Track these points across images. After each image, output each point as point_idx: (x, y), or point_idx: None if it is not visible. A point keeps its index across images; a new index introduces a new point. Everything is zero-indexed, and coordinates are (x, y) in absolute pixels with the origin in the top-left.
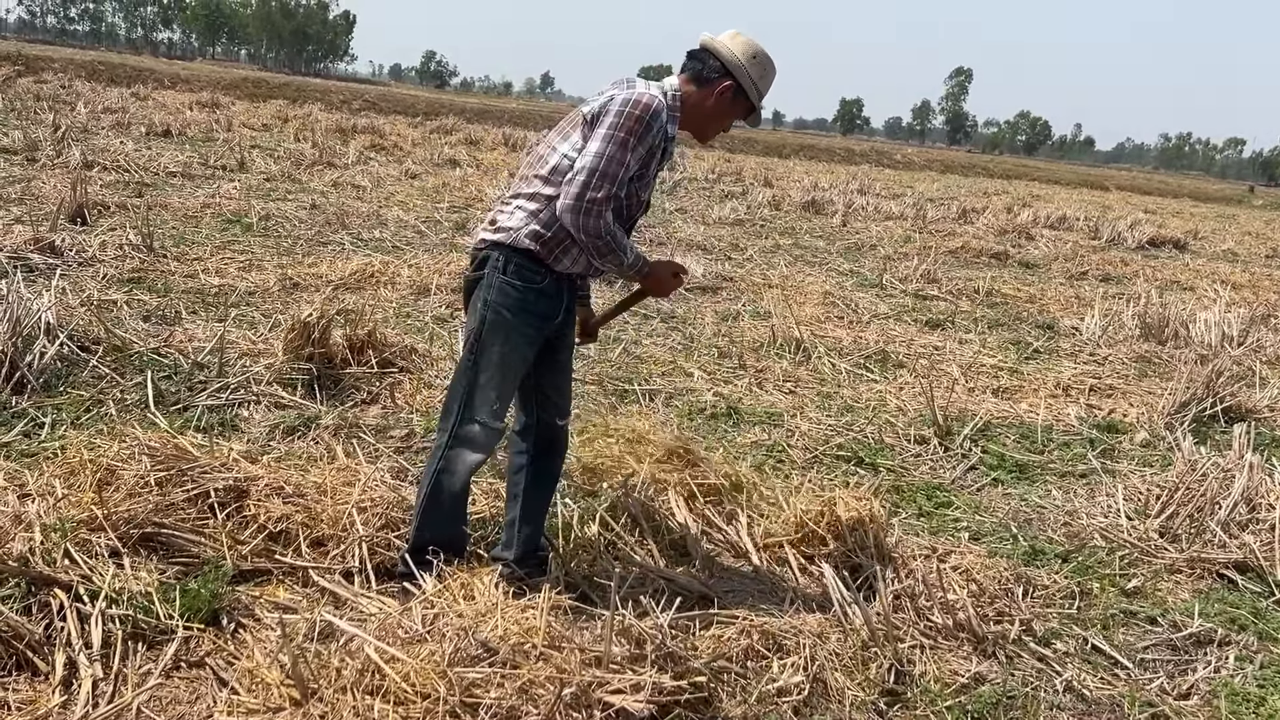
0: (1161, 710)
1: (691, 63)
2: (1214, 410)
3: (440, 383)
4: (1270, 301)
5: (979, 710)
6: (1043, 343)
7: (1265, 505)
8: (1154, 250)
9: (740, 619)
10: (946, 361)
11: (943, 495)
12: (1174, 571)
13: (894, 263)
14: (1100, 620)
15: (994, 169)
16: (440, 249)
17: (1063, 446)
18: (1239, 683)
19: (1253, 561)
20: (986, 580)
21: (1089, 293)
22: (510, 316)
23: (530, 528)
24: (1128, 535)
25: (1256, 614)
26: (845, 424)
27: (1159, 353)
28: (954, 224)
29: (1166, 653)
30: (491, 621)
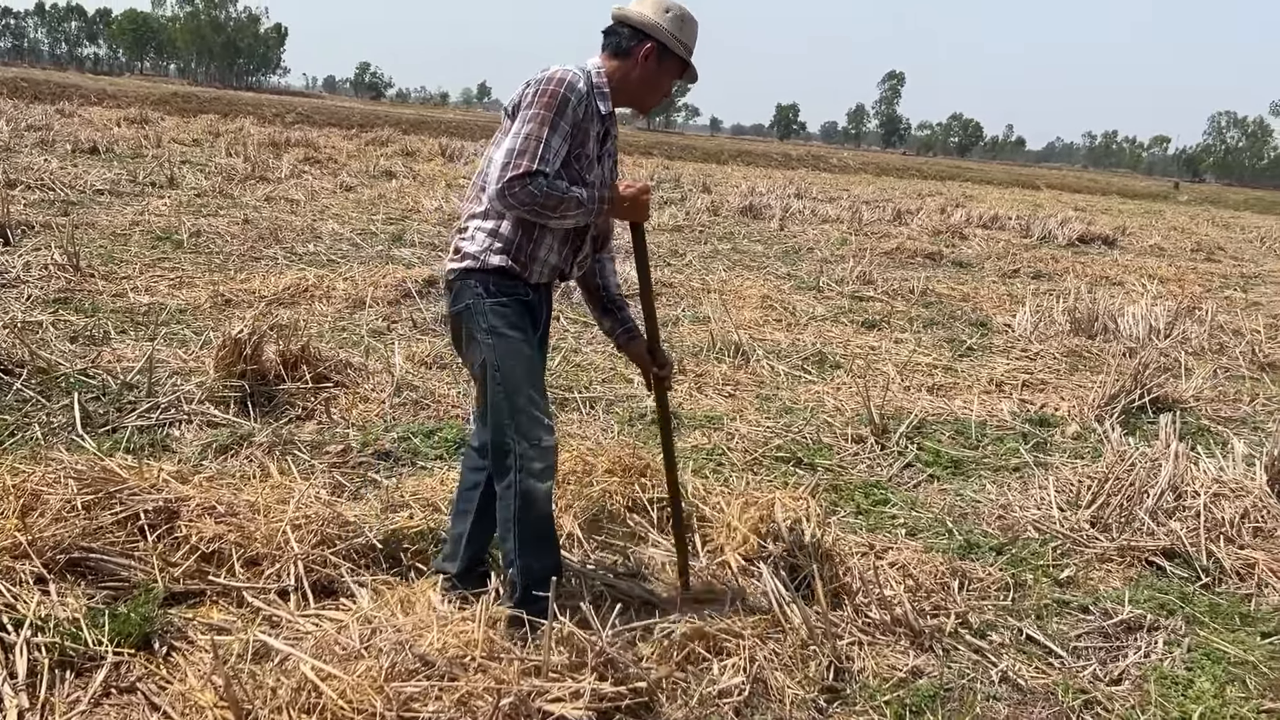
0: (1094, 696)
1: (608, 38)
2: (1142, 402)
3: (376, 396)
4: (1195, 294)
5: (917, 704)
6: (976, 340)
7: (1191, 493)
8: (1084, 247)
9: (682, 623)
10: (882, 361)
11: (880, 493)
12: (1105, 560)
13: (831, 265)
14: (1034, 610)
15: (928, 171)
16: (376, 261)
17: (996, 441)
18: (1168, 666)
19: (1180, 548)
20: (923, 575)
21: (1021, 290)
22: (514, 332)
23: (476, 546)
24: (1060, 526)
25: (1184, 599)
26: (784, 425)
27: (1089, 347)
28: (889, 226)
29: (1099, 640)
30: (430, 635)
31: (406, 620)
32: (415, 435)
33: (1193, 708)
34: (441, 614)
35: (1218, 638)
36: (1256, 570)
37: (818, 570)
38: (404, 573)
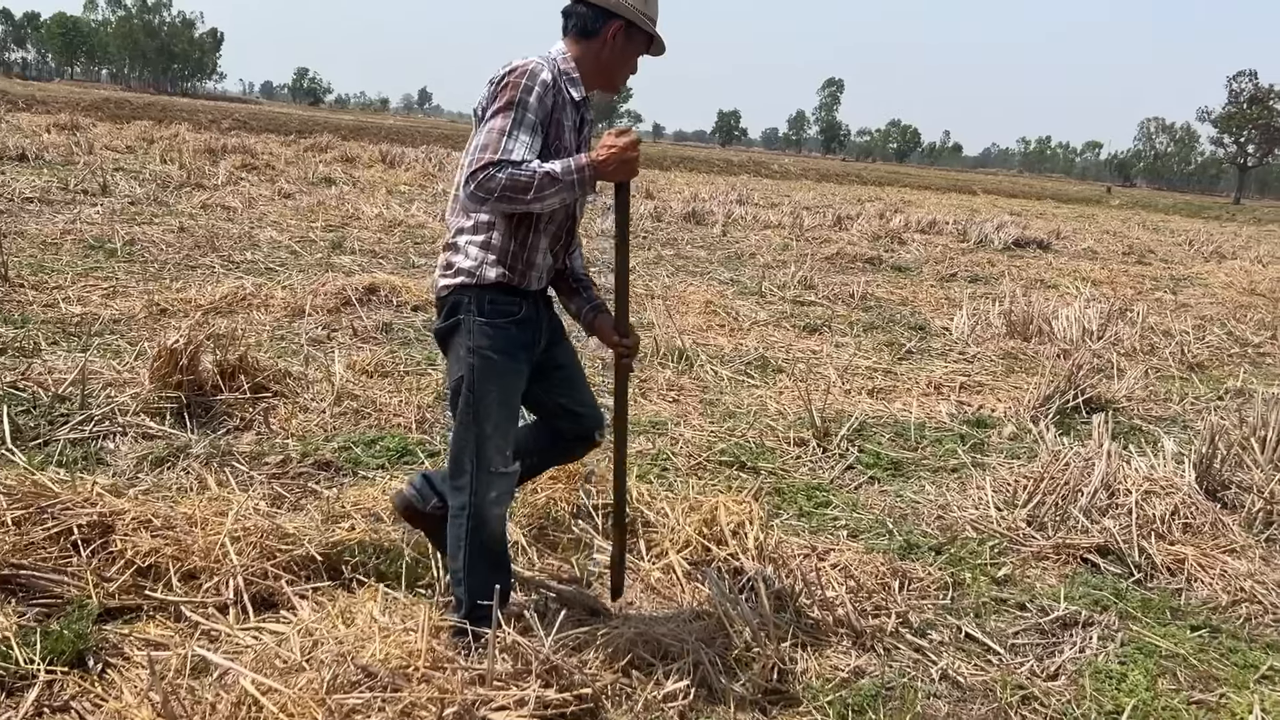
0: (1032, 692)
1: (570, 20)
2: (1075, 402)
3: (316, 405)
4: (1127, 296)
5: (859, 703)
6: (915, 343)
7: (1123, 491)
8: (1019, 250)
9: (628, 628)
10: (824, 365)
11: (822, 495)
12: (1041, 558)
13: (773, 270)
14: (973, 609)
15: (867, 176)
16: (315, 269)
17: (935, 443)
18: (1102, 661)
19: (1113, 545)
20: (864, 576)
21: (958, 293)
22: (499, 358)
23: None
24: (997, 525)
25: (1118, 594)
26: (727, 430)
27: (1024, 349)
28: (830, 231)
29: (1035, 636)
30: (372, 646)
31: (349, 631)
32: (356, 445)
33: (1126, 701)
34: (384, 625)
35: (1150, 632)
36: (1186, 565)
37: (761, 573)
38: (346, 584)
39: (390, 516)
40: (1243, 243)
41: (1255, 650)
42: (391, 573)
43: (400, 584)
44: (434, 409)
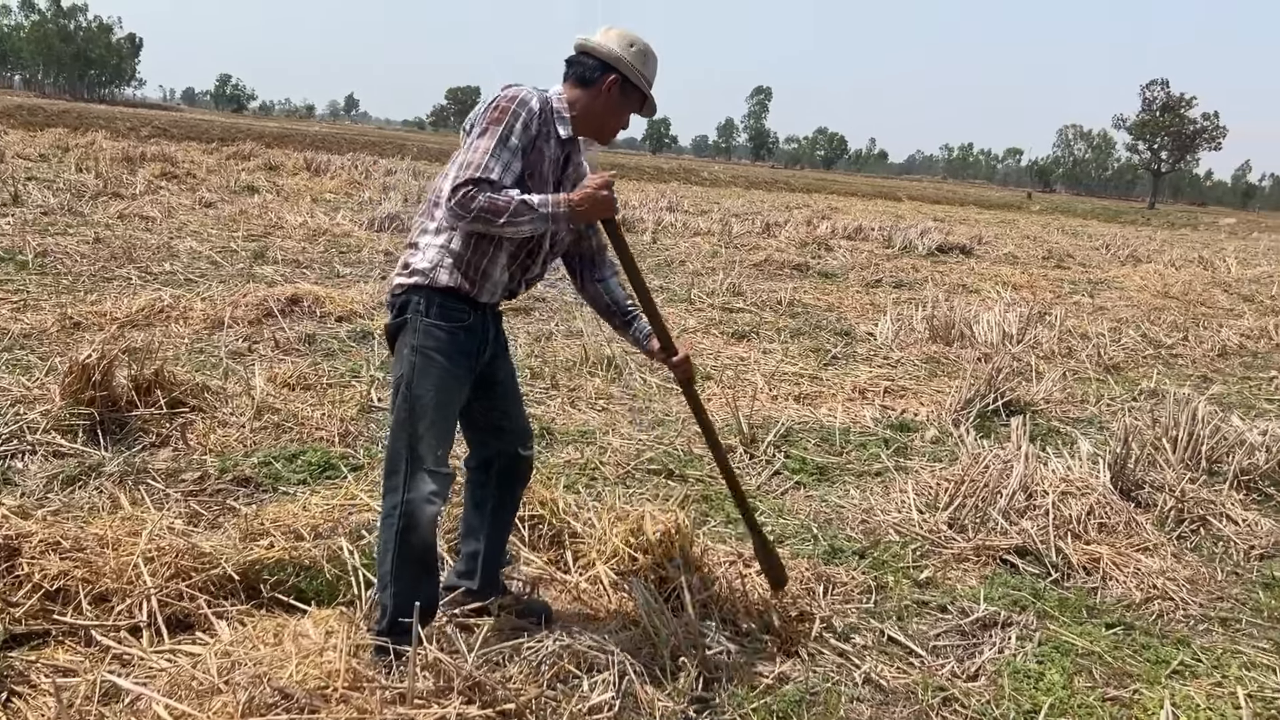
0: (952, 693)
1: (572, 68)
2: (995, 405)
3: (235, 420)
4: (1046, 300)
5: (784, 709)
6: (841, 349)
7: (1040, 492)
8: (942, 256)
9: (552, 641)
10: (752, 371)
11: (749, 501)
12: (962, 560)
13: (702, 277)
14: (896, 612)
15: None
16: (237, 280)
17: (860, 447)
18: (1020, 661)
19: (1031, 545)
20: (790, 581)
21: (883, 299)
22: (441, 359)
23: (493, 559)
24: (919, 528)
25: (1035, 594)
26: (656, 438)
27: (946, 353)
28: (758, 238)
29: (956, 638)
30: (290, 667)
31: (266, 652)
32: (277, 460)
33: (1043, 699)
34: (303, 645)
35: (1066, 631)
36: (1101, 564)
37: (687, 581)
38: (265, 603)
39: (310, 533)
40: (1157, 246)
41: (1167, 646)
42: (311, 591)
43: (320, 603)
44: (358, 421)
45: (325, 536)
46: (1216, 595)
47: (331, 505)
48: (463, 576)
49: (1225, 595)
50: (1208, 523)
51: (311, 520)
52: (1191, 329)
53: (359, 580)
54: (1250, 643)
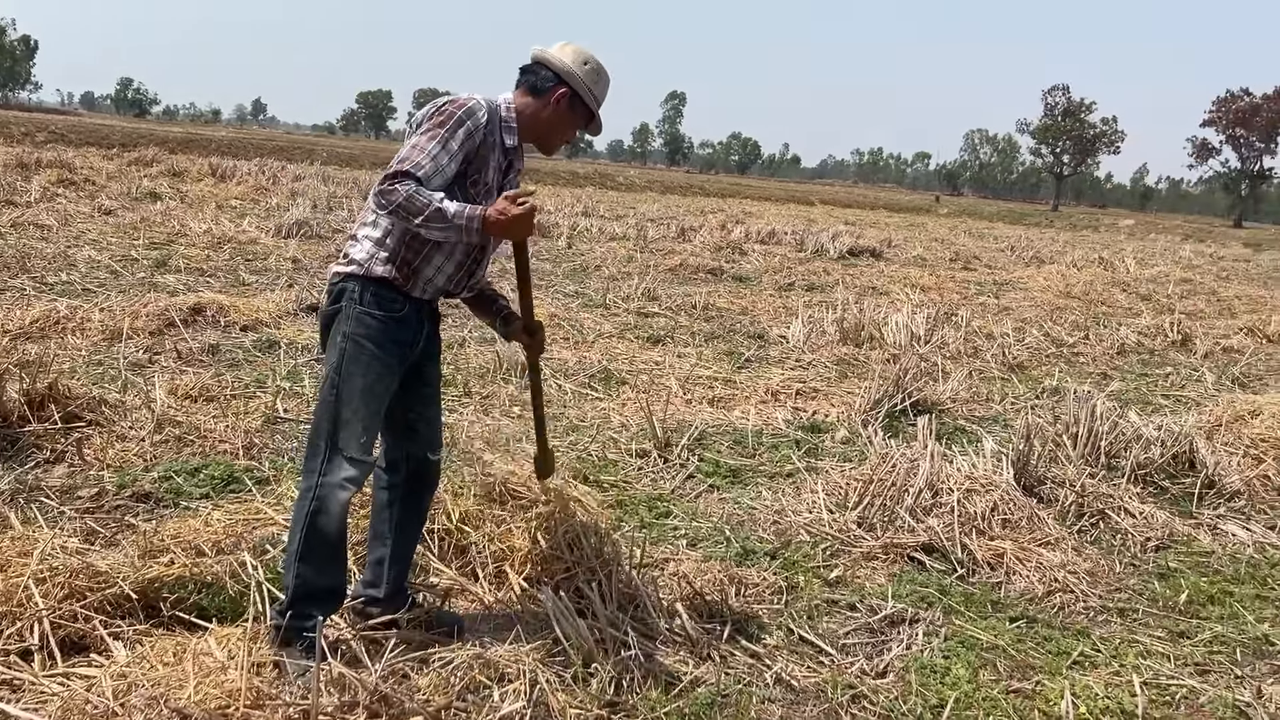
0: (861, 690)
1: (525, 76)
2: (904, 405)
3: (134, 434)
4: (953, 301)
5: (696, 712)
6: (754, 352)
7: (946, 489)
8: (853, 259)
9: (463, 651)
10: (666, 375)
11: (663, 505)
12: (870, 558)
13: (617, 282)
14: (806, 611)
15: (710, 188)
16: (137, 289)
17: (772, 449)
18: (927, 656)
19: (937, 543)
20: (702, 584)
21: (795, 302)
22: (371, 346)
23: (401, 565)
24: (829, 528)
25: (942, 590)
26: (571, 443)
27: (856, 355)
28: (673, 242)
29: (865, 636)
30: (189, 687)
31: (165, 672)
32: (178, 474)
33: (949, 694)
34: (203, 664)
35: (971, 626)
36: (1005, 560)
37: (600, 587)
38: (165, 622)
39: (212, 549)
40: (1059, 248)
41: (1068, 637)
42: (213, 608)
43: (222, 620)
44: (263, 433)
45: (228, 552)
46: (1115, 587)
47: (235, 520)
48: (369, 585)
49: (1123, 586)
50: (1106, 516)
51: (214, 535)
52: (1092, 328)
53: (263, 596)
54: (1146, 632)
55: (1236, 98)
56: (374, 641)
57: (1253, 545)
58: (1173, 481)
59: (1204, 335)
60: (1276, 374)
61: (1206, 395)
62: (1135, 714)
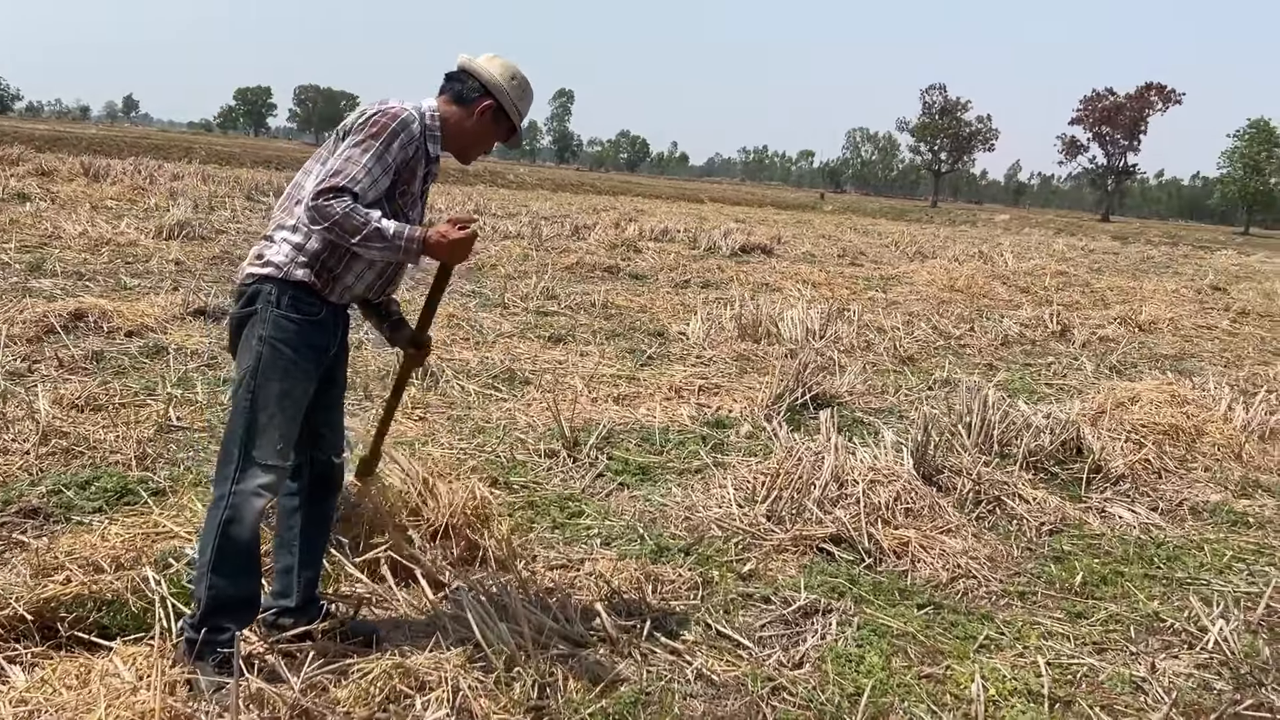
0: (780, 682)
1: (450, 84)
2: (804, 399)
3: (17, 446)
4: (843, 296)
5: (620, 712)
6: (656, 349)
7: (851, 481)
8: (746, 256)
9: (382, 661)
10: (570, 374)
11: (575, 505)
12: (781, 551)
13: (514, 281)
14: (722, 606)
15: (601, 186)
16: (11, 295)
17: (679, 445)
18: (841, 646)
19: (845, 533)
20: (620, 582)
21: (692, 299)
22: (289, 351)
23: (310, 572)
24: (740, 522)
25: (851, 580)
26: (478, 446)
27: (755, 350)
28: (568, 241)
29: (781, 628)
30: (98, 711)
31: (70, 697)
32: (68, 487)
33: (865, 682)
34: (113, 685)
35: (882, 614)
36: (910, 548)
37: (518, 590)
38: (64, 644)
39: (111, 565)
40: (941, 243)
41: (973, 622)
42: (116, 626)
43: (127, 638)
44: (156, 442)
45: (128, 567)
46: (1014, 571)
47: (133, 534)
48: (280, 596)
49: (1021, 570)
50: (1002, 502)
51: (111, 551)
52: (976, 320)
53: (168, 612)
54: (1046, 614)
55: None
56: (289, 654)
57: (1138, 526)
58: (1062, 467)
59: (1081, 325)
60: (1149, 361)
61: (1087, 383)
62: (1041, 694)
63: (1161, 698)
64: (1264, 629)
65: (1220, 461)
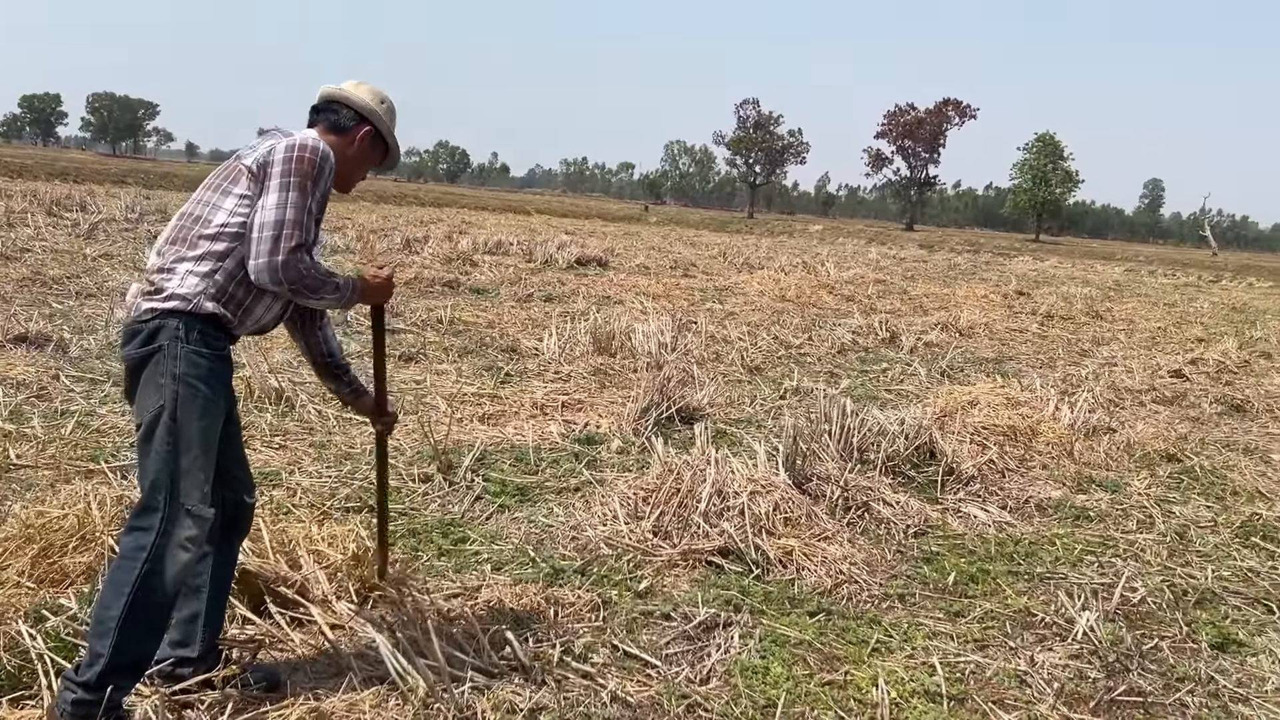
0: (694, 699)
1: (323, 115)
2: (669, 412)
3: None
4: (684, 308)
5: None
6: (512, 366)
7: (732, 493)
8: (582, 268)
9: (296, 707)
10: (430, 394)
11: (458, 530)
12: (672, 566)
13: None
14: (625, 625)
15: (424, 197)
16: None
17: (554, 463)
18: (746, 658)
19: (732, 545)
20: (520, 608)
21: (538, 313)
22: (204, 388)
23: (217, 619)
24: (628, 539)
25: (744, 592)
26: (347, 473)
27: (611, 364)
28: (401, 254)
29: (684, 644)
30: None
31: None
32: None
33: (774, 693)
34: None
35: (778, 623)
36: (794, 556)
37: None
38: None
39: None
40: (765, 254)
41: (862, 626)
42: None
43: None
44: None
45: None
46: (891, 573)
47: None
48: (179, 645)
49: (898, 573)
50: (869, 507)
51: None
52: (812, 329)
53: (46, 667)
54: (926, 614)
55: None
56: (189, 704)
57: (993, 525)
58: (918, 471)
59: (907, 332)
60: (974, 365)
61: (923, 388)
62: (939, 693)
63: (1044, 689)
64: (1122, 617)
65: (1056, 459)
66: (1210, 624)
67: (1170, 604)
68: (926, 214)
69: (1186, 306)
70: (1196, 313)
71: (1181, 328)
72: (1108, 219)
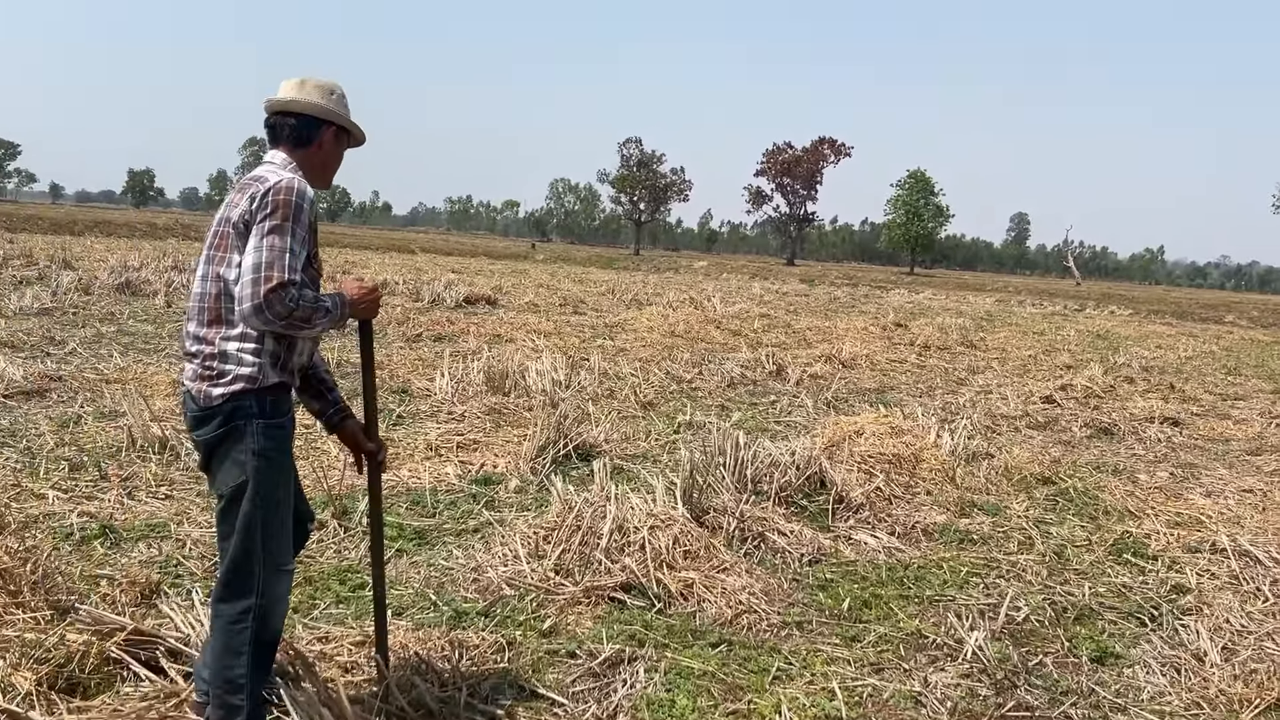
0: None
1: (282, 131)
2: (566, 450)
3: None
4: (575, 345)
5: None
6: (404, 408)
7: (633, 528)
8: (471, 307)
9: None
10: (321, 439)
11: (356, 577)
12: (575, 604)
13: None
14: (531, 666)
15: None
16: None
17: (451, 505)
18: (652, 692)
19: (634, 580)
20: (425, 652)
21: (429, 353)
22: (280, 456)
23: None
24: (531, 579)
25: (646, 626)
26: None
27: (505, 403)
28: None
29: (590, 681)
30: None
31: None
32: None
33: None
34: None
35: (681, 656)
36: (694, 589)
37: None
38: None
39: None
40: (652, 290)
41: (763, 655)
42: None
43: None
44: None
45: None
46: (788, 602)
47: None
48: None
49: (794, 601)
50: (765, 538)
51: None
52: (702, 364)
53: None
54: (824, 640)
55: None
56: None
57: (883, 551)
58: (809, 500)
59: (792, 364)
60: (857, 395)
61: (810, 419)
62: (839, 717)
63: (939, 709)
64: (1008, 636)
65: (939, 485)
66: (1089, 639)
67: (1052, 621)
68: (806, 249)
69: (1054, 335)
70: (1064, 340)
71: (1051, 355)
72: (978, 252)
